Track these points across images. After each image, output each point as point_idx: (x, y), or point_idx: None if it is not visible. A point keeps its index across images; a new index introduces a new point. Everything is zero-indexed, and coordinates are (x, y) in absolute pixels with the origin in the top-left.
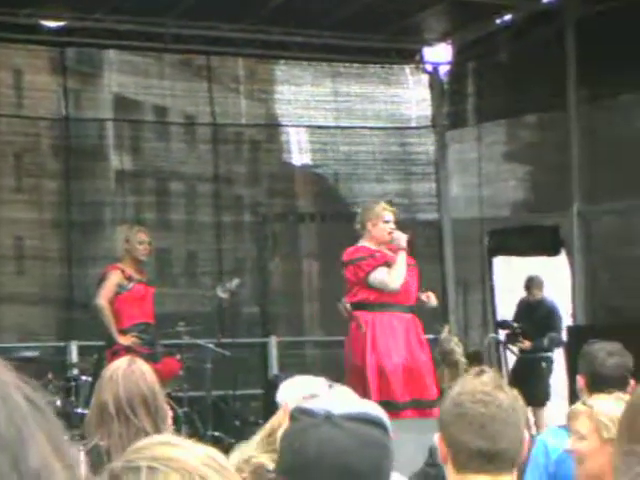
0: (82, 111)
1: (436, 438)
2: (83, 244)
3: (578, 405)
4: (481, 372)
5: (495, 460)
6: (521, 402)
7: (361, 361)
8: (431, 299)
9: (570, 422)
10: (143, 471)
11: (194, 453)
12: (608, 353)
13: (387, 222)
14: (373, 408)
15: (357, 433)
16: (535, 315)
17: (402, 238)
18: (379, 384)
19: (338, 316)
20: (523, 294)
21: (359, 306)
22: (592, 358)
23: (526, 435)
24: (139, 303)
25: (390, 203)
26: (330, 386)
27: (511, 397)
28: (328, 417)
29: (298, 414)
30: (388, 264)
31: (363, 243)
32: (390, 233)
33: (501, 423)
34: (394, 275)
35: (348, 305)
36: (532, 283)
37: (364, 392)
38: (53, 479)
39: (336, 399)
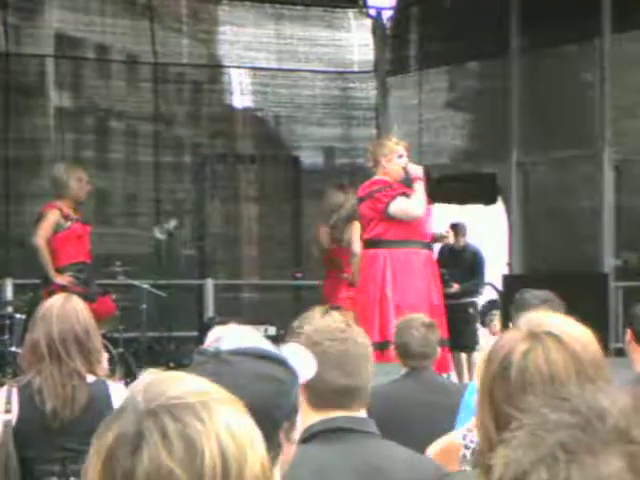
0: (22, 47)
1: None
2: (21, 181)
3: None
4: (328, 312)
5: (353, 395)
6: (367, 337)
7: (377, 298)
8: (450, 235)
9: None
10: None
11: None
12: (540, 300)
13: (401, 157)
14: (266, 344)
15: (244, 368)
16: (460, 261)
17: (418, 169)
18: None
19: (275, 260)
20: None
21: (373, 243)
22: (524, 305)
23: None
24: (76, 242)
25: None
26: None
27: (361, 333)
28: (216, 354)
29: (194, 354)
30: (406, 195)
31: (378, 178)
32: (404, 167)
33: (359, 359)
34: (415, 202)
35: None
36: (456, 229)
37: (373, 329)
38: None
39: (232, 337)
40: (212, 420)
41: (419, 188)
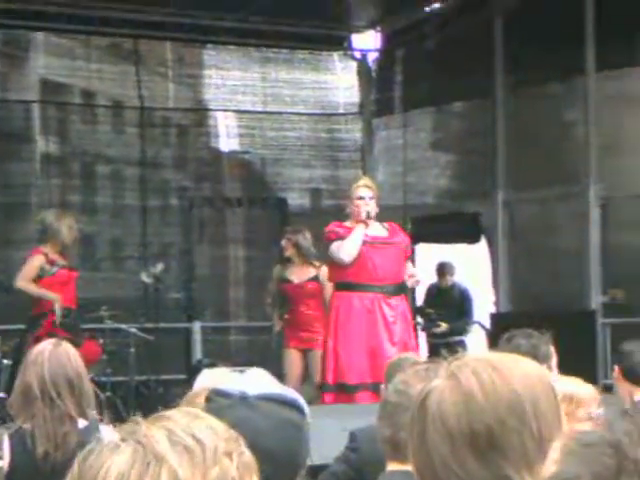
0: (8, 93)
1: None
2: (7, 227)
3: None
4: (426, 363)
5: (399, 448)
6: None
7: (324, 344)
8: (411, 280)
9: None
10: None
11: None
12: (506, 339)
13: (361, 199)
14: (289, 391)
15: (272, 414)
16: (447, 300)
17: (363, 212)
18: (335, 366)
19: (263, 302)
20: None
21: (336, 286)
22: (497, 345)
23: None
24: (62, 288)
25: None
26: (242, 370)
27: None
28: (243, 398)
29: (213, 395)
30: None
31: (345, 222)
32: (360, 210)
33: (406, 413)
34: (344, 245)
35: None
36: (444, 268)
37: (322, 375)
38: None
39: (251, 381)
40: None
41: (354, 232)
